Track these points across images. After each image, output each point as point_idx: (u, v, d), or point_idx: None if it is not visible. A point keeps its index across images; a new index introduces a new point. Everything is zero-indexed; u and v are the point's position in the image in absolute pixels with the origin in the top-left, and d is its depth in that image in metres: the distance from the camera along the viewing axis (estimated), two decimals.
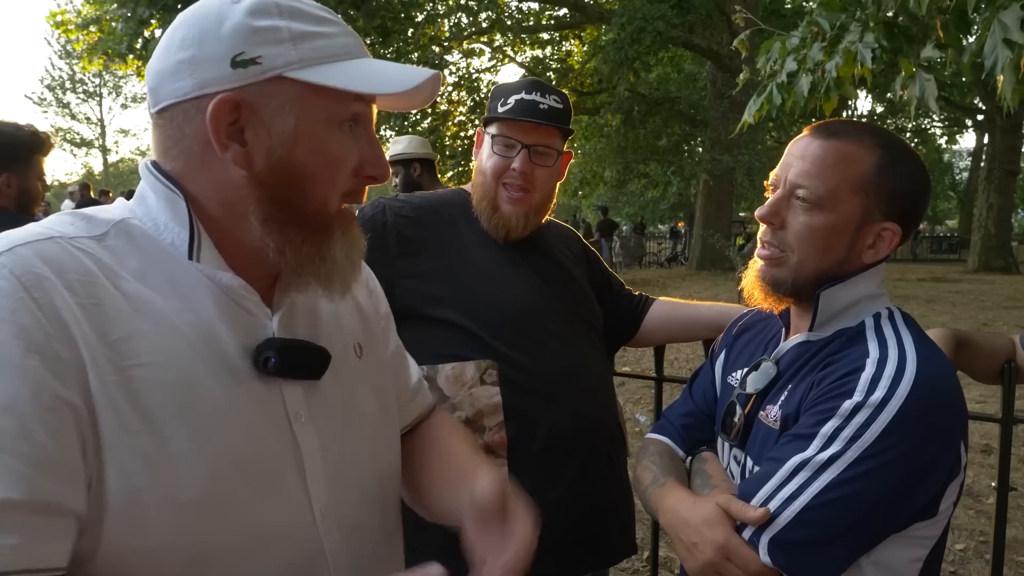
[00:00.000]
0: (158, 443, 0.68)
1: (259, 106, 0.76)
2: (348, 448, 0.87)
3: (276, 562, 0.76)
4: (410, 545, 1.44)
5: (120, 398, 0.67)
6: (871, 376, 0.98)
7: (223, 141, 0.75)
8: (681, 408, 1.35)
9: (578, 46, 20.90)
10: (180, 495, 0.69)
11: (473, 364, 1.48)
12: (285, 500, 0.78)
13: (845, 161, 1.05)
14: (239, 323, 0.79)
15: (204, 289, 0.78)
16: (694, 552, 1.02)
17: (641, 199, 35.58)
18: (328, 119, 0.78)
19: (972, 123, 29.63)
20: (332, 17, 0.82)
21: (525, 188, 1.56)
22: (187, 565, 0.70)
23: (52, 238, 0.72)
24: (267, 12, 0.76)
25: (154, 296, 0.74)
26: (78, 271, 0.70)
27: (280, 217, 0.78)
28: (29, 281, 0.66)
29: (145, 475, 0.67)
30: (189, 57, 0.75)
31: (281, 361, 0.78)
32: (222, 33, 0.74)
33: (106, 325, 0.69)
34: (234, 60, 0.74)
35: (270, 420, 0.79)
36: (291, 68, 0.75)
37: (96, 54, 14.96)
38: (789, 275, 1.10)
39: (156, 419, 0.69)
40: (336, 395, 0.87)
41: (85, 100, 41.40)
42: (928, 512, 0.99)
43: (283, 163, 0.77)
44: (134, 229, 0.77)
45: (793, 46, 2.66)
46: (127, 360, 0.69)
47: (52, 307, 0.66)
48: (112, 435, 0.67)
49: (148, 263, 0.76)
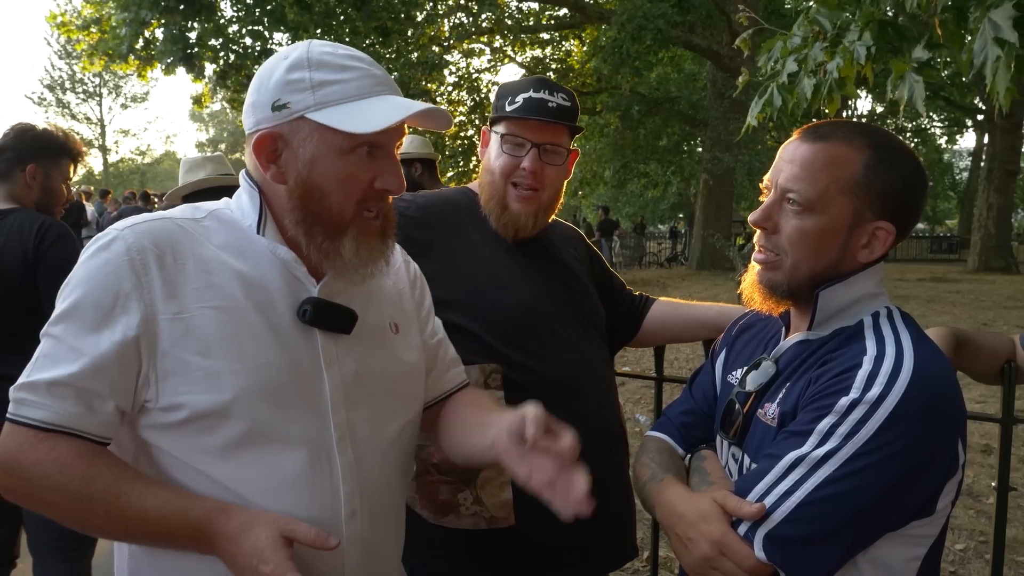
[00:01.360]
0: (211, 363, 0.97)
1: (290, 138, 1.03)
2: (369, 391, 1.10)
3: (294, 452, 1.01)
4: (413, 545, 1.44)
5: (187, 331, 0.97)
6: (868, 373, 0.99)
7: (264, 164, 1.04)
8: (681, 406, 1.35)
9: (578, 46, 20.90)
10: (220, 397, 0.96)
11: (477, 368, 1.48)
12: (307, 413, 1.02)
13: (834, 163, 1.06)
14: (290, 286, 1.06)
15: (268, 259, 1.06)
16: (690, 547, 1.03)
17: (641, 199, 35.58)
18: (339, 148, 1.02)
19: (972, 123, 29.64)
20: (356, 64, 1.04)
21: (535, 187, 1.56)
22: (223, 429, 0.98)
23: (164, 218, 1.03)
24: (300, 66, 1.02)
25: (230, 260, 1.03)
26: (171, 241, 1.00)
27: (307, 220, 1.04)
28: (134, 248, 0.98)
29: (201, 383, 0.96)
30: (252, 102, 1.05)
31: (315, 313, 1.03)
32: (270, 84, 1.03)
33: (187, 278, 0.99)
34: (273, 105, 1.02)
35: (305, 358, 1.03)
36: (309, 111, 1.01)
37: (97, 55, 14.98)
38: (784, 278, 1.10)
39: (212, 346, 0.97)
40: (366, 352, 1.11)
41: (85, 100, 41.47)
42: (925, 510, 0.99)
43: (306, 181, 1.03)
44: (224, 214, 1.09)
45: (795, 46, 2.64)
46: (199, 303, 0.98)
47: (145, 267, 0.97)
48: (177, 355, 0.96)
49: (230, 238, 1.05)
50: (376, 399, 1.11)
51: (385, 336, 1.16)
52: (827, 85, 2.53)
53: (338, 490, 1.03)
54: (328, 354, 1.06)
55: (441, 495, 1.51)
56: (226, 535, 0.92)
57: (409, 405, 1.20)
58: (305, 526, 0.94)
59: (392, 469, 1.14)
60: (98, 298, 0.95)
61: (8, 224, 2.22)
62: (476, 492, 1.49)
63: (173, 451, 0.99)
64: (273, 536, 0.91)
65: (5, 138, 2.32)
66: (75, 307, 0.96)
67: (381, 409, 1.12)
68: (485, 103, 18.17)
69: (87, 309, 0.95)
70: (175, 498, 0.95)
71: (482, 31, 18.47)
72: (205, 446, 0.97)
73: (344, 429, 1.05)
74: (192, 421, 0.96)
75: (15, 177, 2.29)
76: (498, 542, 1.50)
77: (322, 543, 0.93)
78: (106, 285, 0.96)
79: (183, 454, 0.98)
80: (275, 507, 0.98)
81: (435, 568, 1.55)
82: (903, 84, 2.25)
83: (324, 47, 1.04)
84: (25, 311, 2.12)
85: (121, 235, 0.99)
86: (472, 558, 1.52)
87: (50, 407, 0.93)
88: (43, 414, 0.92)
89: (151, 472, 1.00)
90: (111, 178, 40.83)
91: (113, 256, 0.97)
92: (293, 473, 1.00)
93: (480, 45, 19.52)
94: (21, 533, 2.40)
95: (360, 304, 1.11)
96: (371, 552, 1.09)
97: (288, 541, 0.92)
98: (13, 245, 2.18)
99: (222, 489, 0.98)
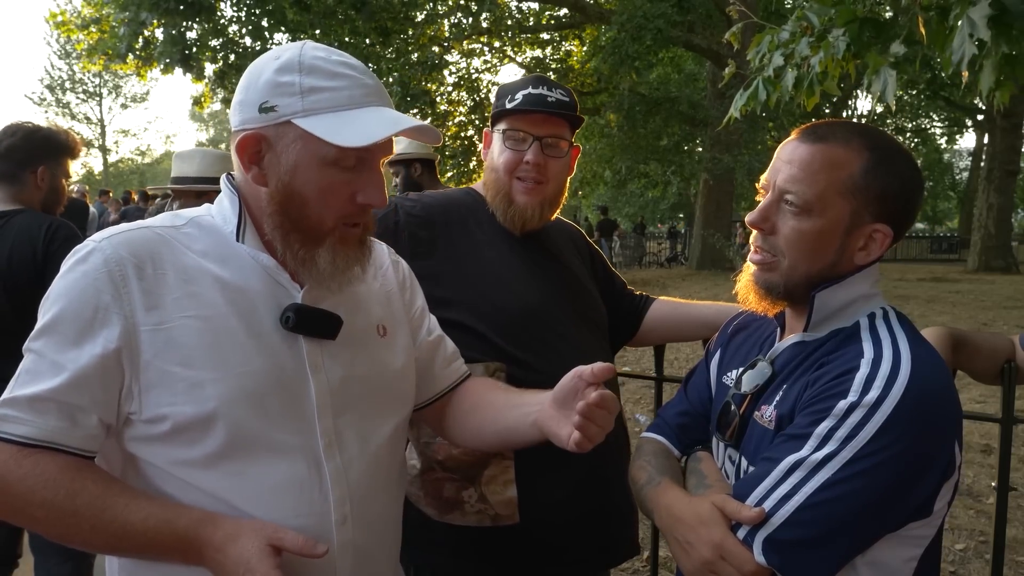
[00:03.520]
0: (193, 373, 0.95)
1: (274, 142, 1.00)
2: (356, 396, 1.09)
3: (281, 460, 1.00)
4: (417, 543, 1.44)
5: (168, 341, 0.96)
6: (866, 376, 0.98)
7: (246, 164, 1.02)
8: (676, 407, 1.35)
9: (578, 46, 20.88)
10: (204, 407, 0.95)
11: (482, 366, 1.48)
12: (294, 420, 1.01)
13: (832, 165, 1.05)
14: (273, 292, 1.04)
15: (250, 265, 1.04)
16: (689, 551, 1.02)
17: (641, 199, 35.57)
18: (322, 156, 0.99)
19: (972, 123, 29.64)
20: (348, 72, 1.01)
21: (539, 180, 1.56)
22: None
23: (143, 227, 1.02)
24: (291, 69, 0.99)
25: (211, 267, 1.01)
26: (150, 251, 0.99)
27: (285, 226, 1.02)
28: (112, 260, 0.96)
29: (184, 394, 0.95)
30: (239, 100, 1.03)
31: (298, 319, 1.02)
32: (259, 84, 1.00)
33: (167, 288, 0.98)
34: (261, 107, 0.99)
35: (289, 365, 1.02)
36: (296, 116, 0.98)
37: (96, 54, 14.98)
38: (781, 279, 1.10)
39: (194, 356, 0.96)
40: (353, 357, 1.10)
41: (85, 100, 41.43)
42: (922, 512, 0.99)
43: (287, 187, 1.01)
44: (204, 221, 1.07)
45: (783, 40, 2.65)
46: (180, 313, 0.97)
47: (124, 278, 0.96)
48: (158, 366, 0.95)
49: (210, 244, 1.04)
50: (364, 403, 1.10)
51: (372, 339, 1.15)
52: (808, 79, 2.54)
53: (328, 496, 1.02)
54: (313, 360, 1.04)
55: (445, 492, 1.51)
56: (212, 545, 0.92)
57: (399, 408, 1.19)
58: (293, 534, 0.93)
59: (383, 472, 1.13)
60: (77, 311, 0.94)
61: (15, 225, 2.21)
62: (480, 490, 1.49)
63: (159, 463, 0.98)
64: (260, 545, 0.90)
65: (11, 139, 2.29)
66: (55, 321, 0.95)
67: (370, 413, 1.11)
68: (485, 103, 18.16)
69: (67, 323, 0.94)
70: (161, 510, 0.94)
71: (482, 31, 18.45)
72: (191, 457, 0.97)
73: (331, 435, 1.04)
74: (177, 432, 0.96)
75: (24, 178, 2.28)
76: (502, 539, 1.51)
77: (310, 551, 0.92)
78: (84, 298, 0.95)
79: (169, 465, 0.98)
80: (264, 515, 0.97)
81: (439, 565, 1.56)
82: (877, 78, 2.27)
83: (317, 51, 1.02)
84: (35, 313, 2.11)
85: (99, 247, 0.97)
86: (476, 555, 1.53)
87: (33, 422, 0.92)
88: (26, 430, 0.92)
89: (139, 484, 0.99)
90: (111, 178, 40.82)
91: (91, 268, 0.96)
92: (281, 481, 0.99)
93: (480, 45, 19.50)
94: (24, 533, 2.40)
95: (346, 308, 1.09)
96: (364, 557, 1.08)
97: (276, 550, 0.91)
98: (22, 246, 2.17)
99: (210, 499, 0.97)
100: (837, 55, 2.37)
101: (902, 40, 2.25)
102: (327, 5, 14.38)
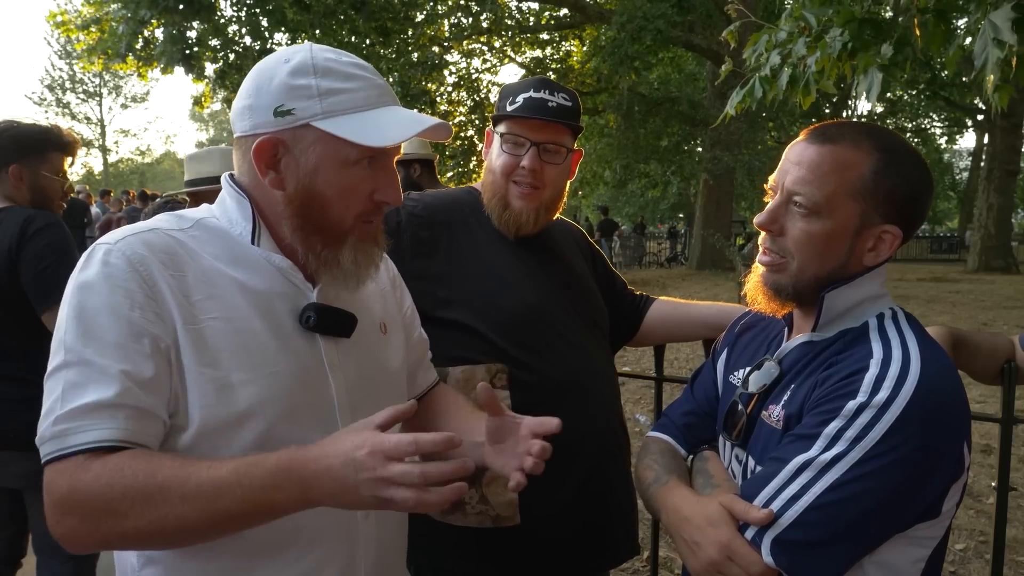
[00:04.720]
0: (222, 374, 0.95)
1: (292, 145, 1.00)
2: (367, 394, 1.10)
3: None
4: (420, 543, 1.44)
5: (197, 341, 0.94)
6: (875, 377, 0.98)
7: (263, 169, 1.01)
8: (683, 407, 1.35)
9: (578, 46, 20.87)
10: (235, 408, 0.95)
11: (483, 368, 1.48)
12: (317, 417, 1.03)
13: (842, 166, 1.05)
14: (288, 293, 1.05)
15: (263, 267, 1.04)
16: (697, 551, 1.02)
17: (641, 199, 35.56)
18: (343, 158, 1.00)
19: (972, 123, 29.61)
20: (361, 73, 1.02)
21: (535, 185, 1.56)
22: None
23: (153, 229, 0.99)
24: (304, 72, 0.99)
25: (226, 270, 1.01)
26: (168, 252, 0.97)
27: (305, 228, 1.03)
28: (135, 259, 0.94)
29: (214, 395, 0.94)
30: (249, 105, 1.01)
31: (318, 319, 1.03)
32: (271, 88, 0.99)
33: (188, 290, 0.96)
34: (276, 110, 0.98)
35: (310, 364, 1.04)
36: (316, 119, 0.98)
37: (96, 54, 14.98)
38: (790, 280, 1.10)
39: (222, 357, 0.95)
40: (363, 355, 1.12)
41: (85, 100, 41.44)
42: (931, 513, 0.99)
43: (307, 189, 1.01)
44: (210, 223, 1.05)
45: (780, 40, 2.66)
46: (204, 315, 0.96)
47: (151, 277, 0.94)
48: (190, 366, 0.94)
49: (221, 247, 1.03)
50: (376, 400, 1.10)
51: (376, 337, 1.17)
52: (804, 78, 2.54)
53: None
54: (331, 358, 1.06)
55: None
56: (310, 458, 0.86)
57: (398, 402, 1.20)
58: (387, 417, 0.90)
59: None
60: (114, 313, 0.91)
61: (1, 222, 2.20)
62: (482, 491, 1.49)
63: None
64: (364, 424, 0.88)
65: None
66: (91, 327, 0.91)
67: (379, 410, 1.11)
68: (485, 103, 18.16)
69: (106, 328, 0.91)
70: (243, 460, 0.88)
71: (482, 31, 18.45)
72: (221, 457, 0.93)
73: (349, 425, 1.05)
74: (206, 435, 0.94)
75: (3, 178, 2.25)
76: (504, 540, 1.50)
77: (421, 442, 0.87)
78: (117, 300, 0.91)
79: None
80: None
81: (441, 565, 1.56)
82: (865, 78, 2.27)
83: (327, 52, 1.02)
84: (11, 308, 2.12)
85: (115, 247, 0.95)
86: (478, 555, 1.53)
87: (98, 427, 0.88)
88: (93, 435, 0.87)
89: None
90: (111, 178, 40.80)
91: (116, 270, 0.93)
92: None
93: (480, 45, 19.50)
94: (28, 534, 2.39)
95: (353, 307, 1.11)
96: (384, 551, 1.10)
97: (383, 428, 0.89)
98: (0, 242, 2.16)
99: None
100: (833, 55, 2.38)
101: (893, 42, 2.25)
102: (327, 5, 14.37)
